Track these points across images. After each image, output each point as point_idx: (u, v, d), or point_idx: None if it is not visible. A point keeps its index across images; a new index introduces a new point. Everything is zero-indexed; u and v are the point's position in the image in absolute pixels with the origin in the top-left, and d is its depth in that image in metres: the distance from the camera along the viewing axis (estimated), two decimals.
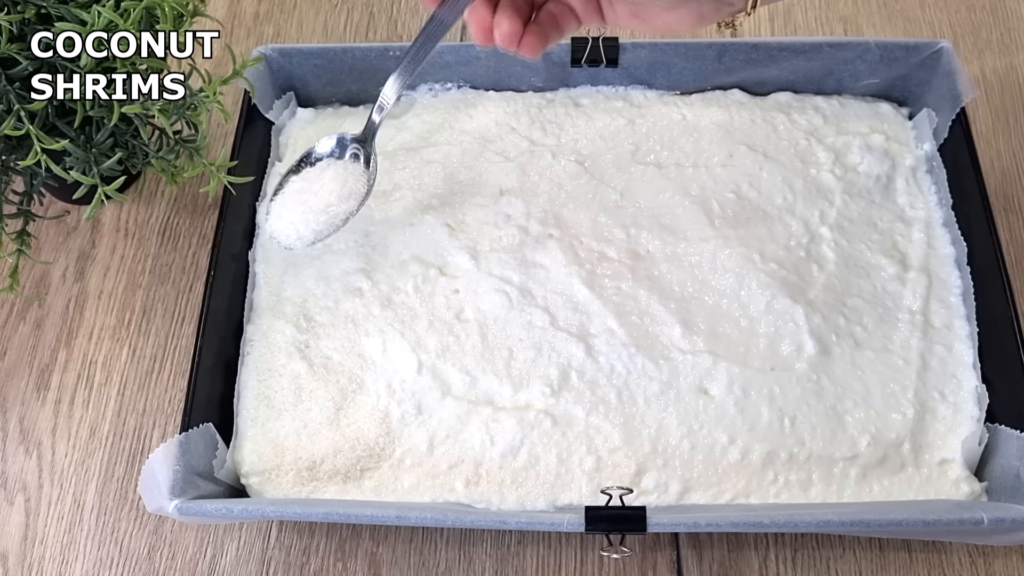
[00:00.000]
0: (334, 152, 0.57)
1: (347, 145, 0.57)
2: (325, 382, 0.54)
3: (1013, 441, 0.49)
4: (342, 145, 0.57)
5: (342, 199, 0.56)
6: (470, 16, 0.46)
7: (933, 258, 0.57)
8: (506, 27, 0.44)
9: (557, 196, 0.61)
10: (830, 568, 0.52)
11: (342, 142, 0.57)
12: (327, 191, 0.56)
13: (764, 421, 0.52)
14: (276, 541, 0.54)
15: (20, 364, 0.60)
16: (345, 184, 0.56)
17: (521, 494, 0.51)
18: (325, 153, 0.57)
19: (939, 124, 0.60)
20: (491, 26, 0.45)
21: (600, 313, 0.56)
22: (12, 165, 0.54)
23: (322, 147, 0.57)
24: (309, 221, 0.55)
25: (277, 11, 0.76)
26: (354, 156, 0.56)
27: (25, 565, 0.54)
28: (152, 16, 0.49)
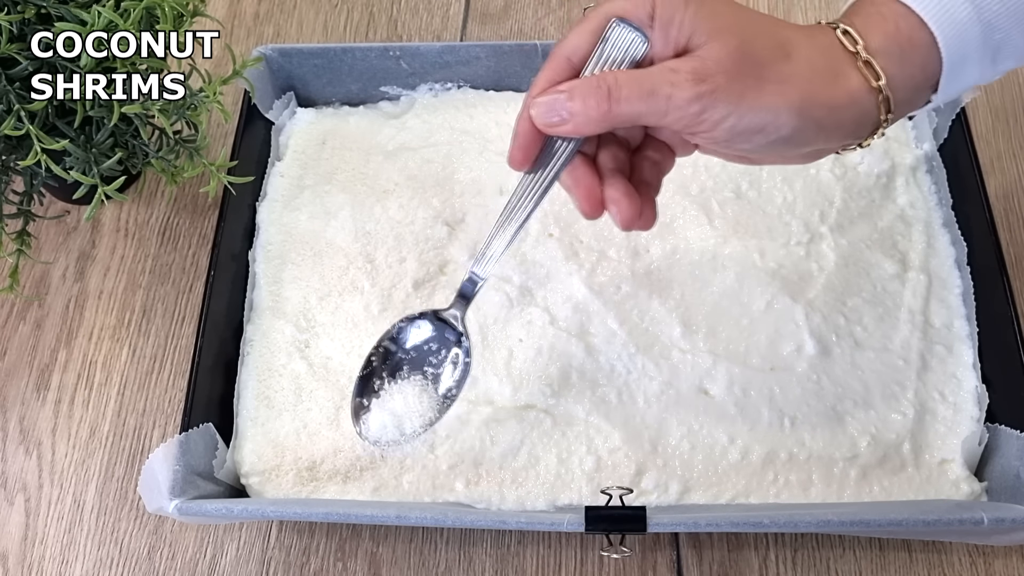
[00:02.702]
0: (422, 345, 0.50)
1: (439, 331, 0.50)
2: (325, 382, 0.54)
3: (1013, 441, 0.49)
4: (434, 331, 0.50)
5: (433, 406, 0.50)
6: (574, 185, 0.41)
7: (933, 258, 0.57)
8: (627, 208, 0.40)
9: (557, 196, 0.60)
10: (830, 568, 0.52)
11: (435, 328, 0.50)
12: (418, 403, 0.50)
13: (764, 421, 0.52)
14: (276, 541, 0.54)
15: (20, 364, 0.60)
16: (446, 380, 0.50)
17: (521, 494, 0.51)
18: (416, 348, 0.50)
19: (939, 124, 0.60)
20: (601, 198, 0.40)
21: (600, 313, 0.56)
22: (12, 165, 0.54)
23: (411, 338, 0.50)
24: (406, 428, 0.50)
25: (277, 11, 0.76)
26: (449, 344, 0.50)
27: (25, 565, 0.54)
28: (152, 16, 0.49)
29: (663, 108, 0.36)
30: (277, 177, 0.63)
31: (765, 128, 0.37)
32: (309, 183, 0.63)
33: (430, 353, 0.50)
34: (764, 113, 0.36)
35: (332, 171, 0.63)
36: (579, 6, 0.74)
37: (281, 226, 0.61)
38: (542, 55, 0.63)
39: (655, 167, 0.43)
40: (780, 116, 0.36)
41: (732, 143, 0.38)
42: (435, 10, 0.76)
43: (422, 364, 0.50)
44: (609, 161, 0.41)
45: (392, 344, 0.51)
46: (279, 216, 0.61)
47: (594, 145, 0.42)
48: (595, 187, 0.40)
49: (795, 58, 0.37)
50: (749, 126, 0.37)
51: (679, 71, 0.36)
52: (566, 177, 0.41)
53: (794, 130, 0.37)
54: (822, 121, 0.37)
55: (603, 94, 0.37)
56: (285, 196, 0.62)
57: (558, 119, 0.38)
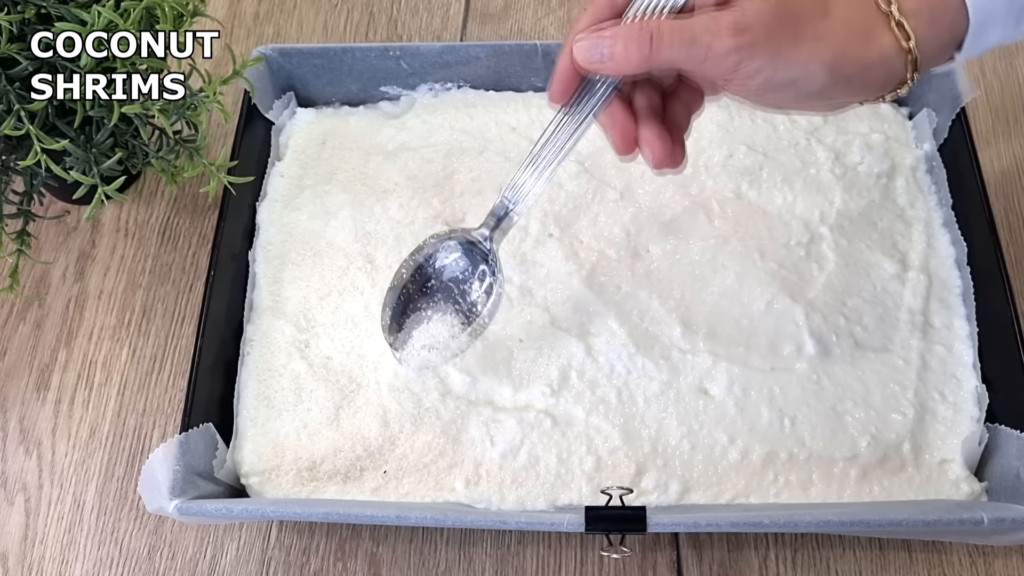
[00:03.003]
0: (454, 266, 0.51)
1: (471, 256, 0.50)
2: (325, 382, 0.54)
3: (1013, 441, 0.49)
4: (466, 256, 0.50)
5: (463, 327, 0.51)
6: (610, 125, 0.43)
7: (933, 258, 0.57)
8: (660, 150, 0.42)
9: (557, 196, 0.61)
10: (830, 568, 0.52)
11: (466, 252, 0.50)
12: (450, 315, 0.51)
13: (764, 421, 0.52)
14: (276, 541, 0.54)
15: (20, 364, 0.60)
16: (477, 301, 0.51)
17: (521, 494, 0.51)
18: (447, 270, 0.51)
19: (939, 124, 0.60)
20: (635, 138, 0.43)
21: (600, 313, 0.56)
22: (12, 165, 0.54)
23: (445, 261, 0.51)
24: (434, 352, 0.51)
25: (277, 11, 0.76)
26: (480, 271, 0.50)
27: (25, 565, 0.54)
28: (152, 16, 0.49)
29: (701, 56, 0.38)
30: (277, 177, 0.63)
31: (797, 82, 0.38)
32: (309, 183, 0.63)
33: (459, 281, 0.51)
34: (798, 68, 0.38)
35: (332, 171, 0.63)
36: (579, 6, 0.74)
37: (281, 226, 0.61)
38: (542, 55, 0.63)
39: (686, 108, 0.44)
40: (812, 72, 0.38)
41: (763, 94, 0.40)
42: (435, 10, 0.76)
43: (453, 290, 0.51)
44: (643, 102, 0.43)
45: (424, 263, 0.51)
46: (279, 216, 0.61)
47: (630, 85, 0.43)
48: (630, 127, 0.43)
49: (832, 15, 0.38)
50: (782, 80, 0.38)
51: (719, 22, 0.38)
52: (603, 116, 0.43)
53: (824, 86, 0.38)
54: (852, 78, 0.39)
55: (645, 39, 0.38)
56: (285, 196, 0.62)
57: (599, 58, 0.40)
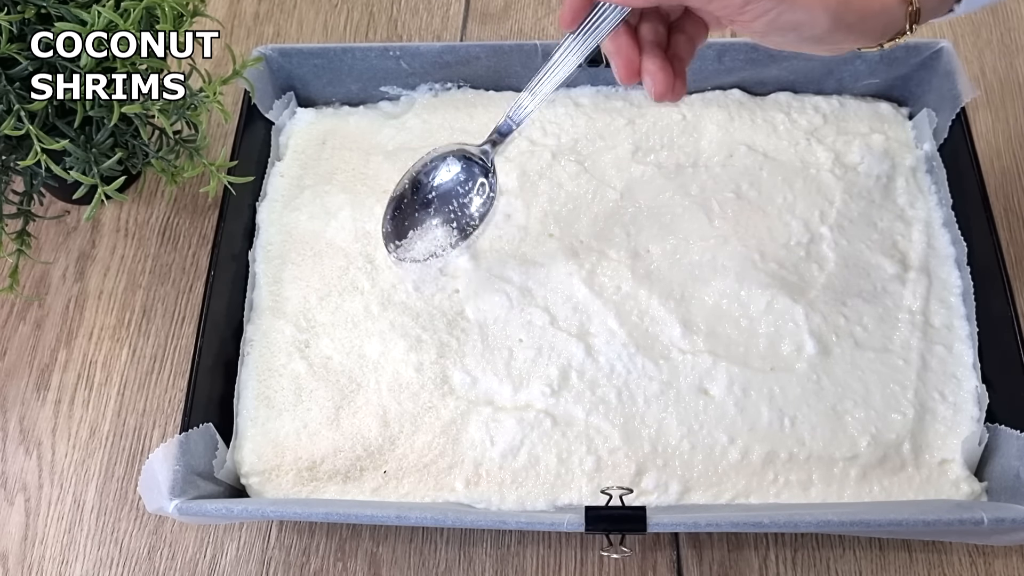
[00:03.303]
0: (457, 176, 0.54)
1: (471, 162, 0.54)
2: (325, 382, 0.54)
3: (1013, 441, 0.49)
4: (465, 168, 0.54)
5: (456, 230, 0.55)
6: (614, 52, 0.44)
7: (933, 258, 0.57)
8: (661, 81, 0.43)
9: (557, 196, 0.61)
10: (830, 568, 0.52)
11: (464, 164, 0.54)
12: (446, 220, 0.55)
13: (764, 421, 0.52)
14: (276, 541, 0.54)
15: (20, 364, 0.60)
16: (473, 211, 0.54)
17: (521, 494, 0.51)
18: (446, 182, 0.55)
19: (939, 124, 0.60)
20: (638, 67, 0.44)
21: (600, 313, 0.56)
22: (12, 165, 0.54)
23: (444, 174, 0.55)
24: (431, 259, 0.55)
25: (277, 11, 0.76)
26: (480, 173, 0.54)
27: (25, 565, 0.54)
28: (152, 16, 0.49)
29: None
30: (277, 177, 0.63)
31: (800, 26, 0.40)
32: (309, 183, 0.63)
33: (458, 193, 0.54)
34: (802, 13, 0.40)
35: (332, 171, 0.63)
36: None
37: (281, 226, 0.61)
38: (542, 55, 0.63)
39: (690, 41, 0.46)
40: (816, 17, 0.40)
41: (767, 35, 0.42)
42: (435, 10, 0.76)
43: (449, 199, 0.55)
44: (649, 33, 0.44)
45: (423, 177, 0.55)
46: (279, 216, 0.61)
47: (636, 16, 0.45)
48: (634, 56, 0.44)
49: None
50: (787, 23, 0.40)
51: None
52: (608, 43, 0.44)
53: (826, 31, 0.40)
54: (853, 26, 0.41)
55: None
56: (285, 196, 0.62)
57: None
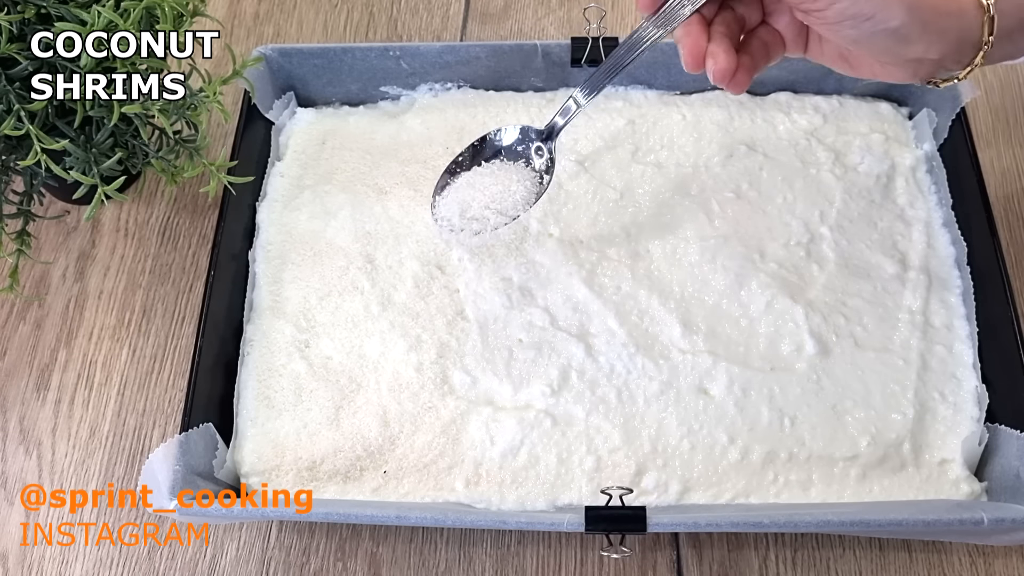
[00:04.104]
0: (514, 146, 0.56)
1: (530, 141, 0.56)
2: (325, 382, 0.54)
3: (1013, 441, 0.49)
4: (524, 139, 0.56)
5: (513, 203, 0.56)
6: (683, 38, 0.44)
7: (933, 258, 0.57)
8: (723, 62, 0.43)
9: (557, 196, 0.61)
10: (830, 568, 0.52)
11: (526, 136, 0.56)
12: (500, 191, 0.56)
13: (764, 421, 0.52)
14: (276, 541, 0.54)
15: (20, 364, 0.60)
16: (517, 188, 0.56)
17: (521, 494, 0.51)
18: (504, 146, 0.57)
19: (939, 124, 0.60)
20: (704, 53, 0.43)
21: (600, 313, 0.56)
22: (12, 165, 0.54)
23: (505, 138, 0.57)
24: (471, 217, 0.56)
25: (277, 11, 0.76)
26: (536, 152, 0.56)
27: (25, 565, 0.54)
28: (152, 16, 0.49)
29: None
30: (277, 177, 0.63)
31: (875, 16, 0.39)
32: (309, 183, 0.63)
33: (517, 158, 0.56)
34: (877, 2, 0.39)
35: (332, 171, 0.63)
36: (579, 6, 0.74)
37: (281, 226, 0.61)
38: (542, 55, 0.63)
39: (763, 48, 0.46)
40: (891, 7, 0.39)
41: (840, 27, 0.41)
42: (435, 10, 0.76)
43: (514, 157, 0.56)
44: (721, 26, 0.44)
45: (482, 144, 0.57)
46: (279, 216, 0.61)
47: (712, 11, 0.45)
48: (702, 43, 0.44)
49: None
50: (861, 11, 0.39)
51: None
52: (680, 30, 0.44)
53: (901, 24, 0.40)
54: (928, 23, 0.40)
55: None
56: (285, 196, 0.62)
57: None
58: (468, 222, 0.56)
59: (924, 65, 0.42)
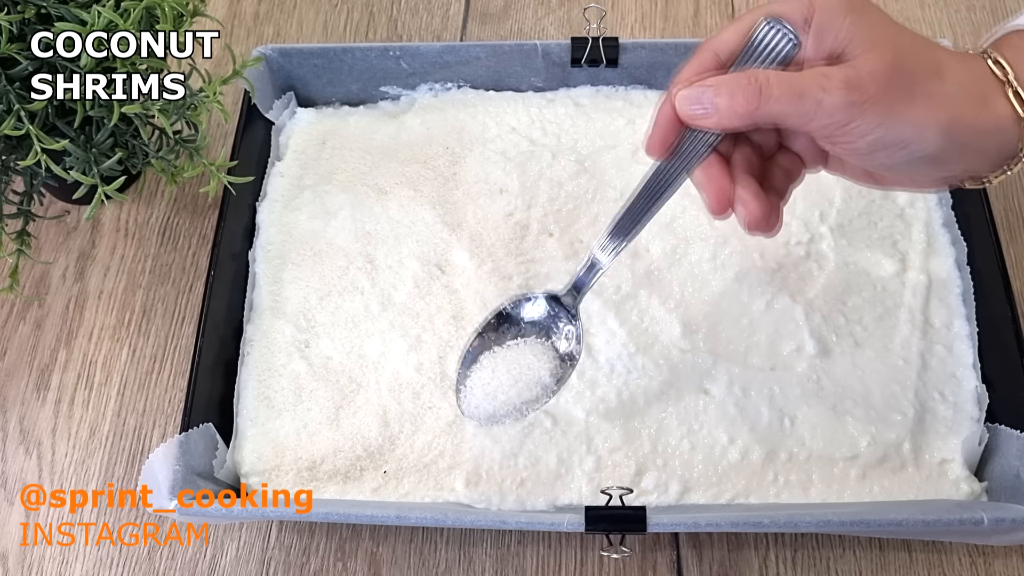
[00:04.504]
0: (537, 320, 0.51)
1: (552, 313, 0.50)
2: (325, 382, 0.54)
3: (1013, 441, 0.49)
4: (548, 311, 0.50)
5: (539, 385, 0.50)
6: (705, 183, 0.41)
7: (933, 258, 0.57)
8: (755, 209, 0.40)
9: (557, 196, 0.61)
10: (830, 568, 0.52)
11: (549, 308, 0.50)
12: (528, 372, 0.50)
13: (764, 421, 0.52)
14: (276, 541, 0.54)
15: (20, 364, 0.60)
16: (543, 369, 0.50)
17: (521, 494, 0.51)
18: (526, 321, 0.51)
19: None
20: (730, 197, 0.40)
21: (600, 313, 0.56)
22: (12, 165, 0.54)
23: (527, 313, 0.51)
24: (500, 406, 0.51)
25: (277, 11, 0.76)
26: (563, 326, 0.50)
27: (25, 565, 0.54)
28: (152, 16, 0.49)
29: (811, 112, 0.37)
30: (277, 177, 0.63)
31: (909, 144, 0.37)
32: (309, 183, 0.63)
33: (543, 331, 0.51)
34: (911, 128, 0.37)
35: (332, 171, 0.63)
36: (579, 6, 0.74)
37: (281, 226, 0.61)
38: (542, 55, 0.63)
39: (786, 175, 0.43)
40: (926, 133, 0.37)
41: (872, 156, 0.38)
42: (435, 10, 0.76)
43: (537, 339, 0.51)
44: (742, 163, 0.41)
45: (502, 319, 0.51)
46: (279, 216, 0.61)
47: (729, 145, 0.42)
48: (726, 186, 0.41)
49: (947, 79, 0.37)
50: (894, 140, 0.37)
51: (831, 78, 0.36)
52: (699, 173, 0.41)
53: (938, 149, 0.37)
54: (966, 144, 0.38)
55: (754, 91, 0.37)
56: (285, 196, 0.62)
57: (702, 111, 0.39)
58: (496, 409, 0.51)
59: (957, 178, 0.41)
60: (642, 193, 0.43)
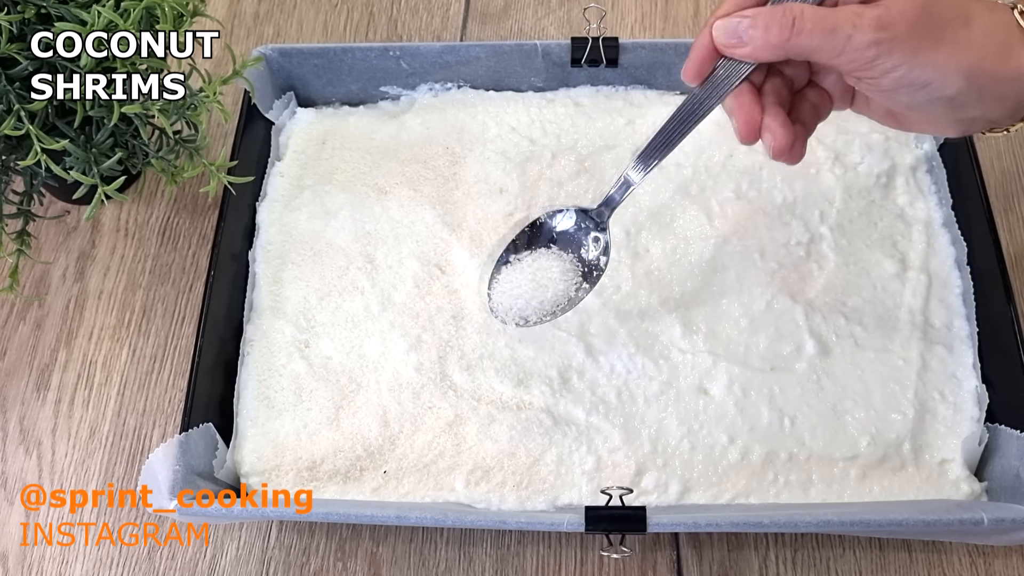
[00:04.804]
0: (568, 232, 0.53)
1: (583, 225, 0.53)
2: (325, 382, 0.55)
3: (1013, 441, 0.49)
4: (578, 224, 0.53)
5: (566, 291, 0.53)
6: (736, 110, 0.43)
7: (933, 258, 0.57)
8: (781, 137, 0.42)
9: (557, 196, 0.61)
10: (830, 568, 0.52)
11: (580, 220, 0.53)
12: (551, 280, 0.53)
13: (764, 421, 0.52)
14: (276, 541, 0.54)
15: (20, 364, 0.60)
16: (568, 277, 0.53)
17: (521, 494, 0.51)
18: (557, 231, 0.54)
19: None
20: (759, 125, 0.43)
21: (600, 313, 0.56)
22: (12, 165, 0.54)
23: (559, 224, 0.54)
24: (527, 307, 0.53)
25: (277, 11, 0.76)
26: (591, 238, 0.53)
27: (25, 565, 0.54)
28: (152, 16, 0.49)
29: (840, 47, 0.38)
30: (277, 177, 0.63)
31: (930, 85, 0.39)
32: (309, 183, 0.63)
33: (571, 243, 0.54)
34: (933, 71, 0.38)
35: (332, 171, 0.63)
36: (579, 6, 0.74)
37: (281, 226, 0.61)
38: (542, 55, 0.63)
39: (814, 109, 0.45)
40: (948, 76, 0.38)
41: (894, 94, 0.40)
42: (435, 10, 0.76)
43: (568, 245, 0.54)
44: (772, 94, 0.43)
45: (534, 229, 0.54)
46: (279, 216, 0.61)
47: (761, 76, 0.44)
48: (756, 115, 0.43)
49: (974, 26, 0.39)
50: (916, 80, 0.39)
51: (863, 16, 0.38)
52: (730, 100, 0.43)
53: (957, 92, 0.39)
54: (985, 90, 0.39)
55: (787, 23, 0.39)
56: (285, 196, 0.62)
57: (737, 41, 0.41)
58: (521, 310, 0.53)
59: (977, 123, 0.42)
60: (675, 116, 0.45)
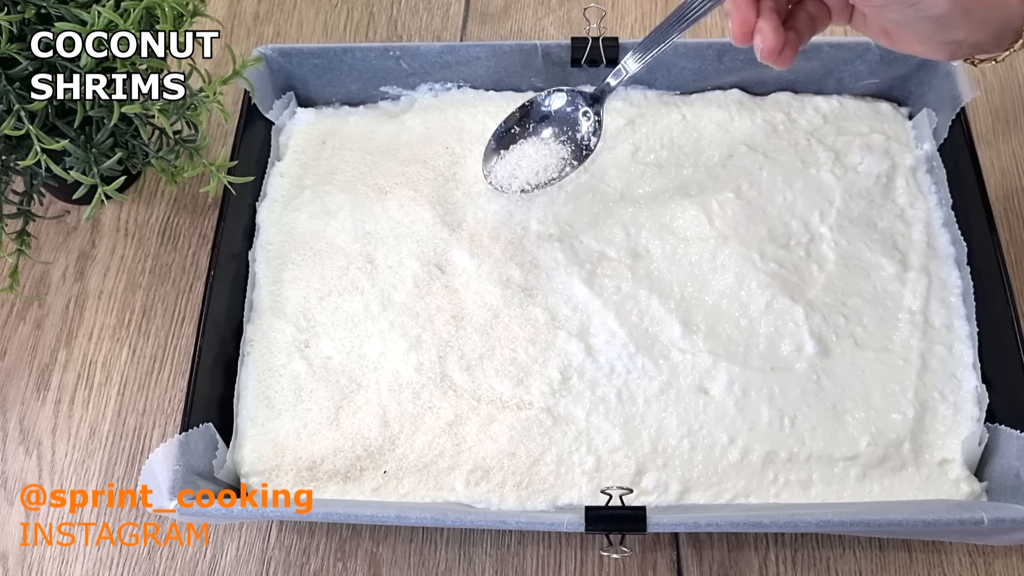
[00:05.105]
0: (562, 110, 0.58)
1: (577, 104, 0.58)
2: (325, 382, 0.55)
3: (1013, 441, 0.49)
4: (573, 103, 0.58)
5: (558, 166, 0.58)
6: (733, 11, 0.45)
7: (933, 258, 0.57)
8: (771, 40, 0.44)
9: (557, 196, 0.61)
10: (830, 568, 0.52)
11: (573, 100, 0.58)
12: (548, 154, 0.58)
13: (764, 421, 0.52)
14: (276, 541, 0.54)
15: (20, 364, 0.60)
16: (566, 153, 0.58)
17: (521, 494, 0.51)
18: (553, 111, 0.59)
19: (939, 124, 0.60)
20: (753, 28, 0.45)
21: (600, 313, 0.56)
22: (12, 165, 0.54)
23: (554, 103, 0.59)
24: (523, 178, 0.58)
25: (277, 11, 0.76)
26: (584, 116, 0.58)
27: (25, 565, 0.54)
28: (152, 16, 0.49)
29: None
30: (277, 177, 0.63)
31: (919, 3, 0.41)
32: (309, 183, 0.63)
33: (565, 122, 0.58)
34: None
35: (332, 171, 0.63)
36: (579, 6, 0.74)
37: (281, 226, 0.61)
38: (542, 55, 0.63)
39: (810, 21, 0.47)
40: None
41: (885, 9, 0.42)
42: (435, 10, 0.76)
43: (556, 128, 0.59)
44: (771, 8, 0.45)
45: (531, 107, 0.59)
46: (279, 216, 0.61)
47: None
48: (751, 17, 0.45)
49: None
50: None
51: None
52: (729, 2, 0.45)
53: (943, 12, 0.41)
54: (970, 12, 0.41)
55: None
56: (285, 196, 0.62)
57: None
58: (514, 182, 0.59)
59: (963, 47, 0.44)
60: (675, 12, 0.48)
